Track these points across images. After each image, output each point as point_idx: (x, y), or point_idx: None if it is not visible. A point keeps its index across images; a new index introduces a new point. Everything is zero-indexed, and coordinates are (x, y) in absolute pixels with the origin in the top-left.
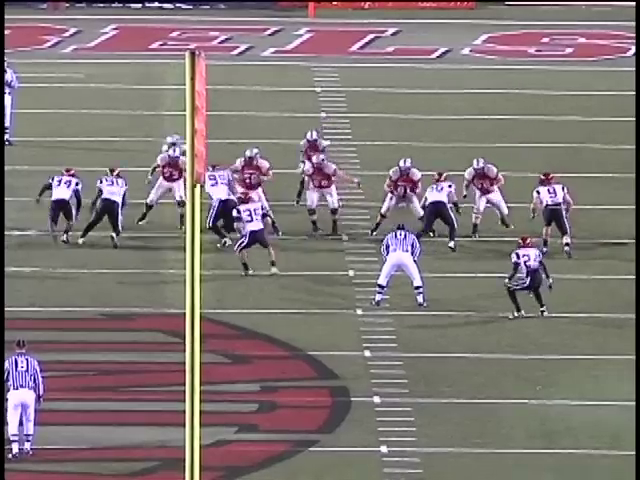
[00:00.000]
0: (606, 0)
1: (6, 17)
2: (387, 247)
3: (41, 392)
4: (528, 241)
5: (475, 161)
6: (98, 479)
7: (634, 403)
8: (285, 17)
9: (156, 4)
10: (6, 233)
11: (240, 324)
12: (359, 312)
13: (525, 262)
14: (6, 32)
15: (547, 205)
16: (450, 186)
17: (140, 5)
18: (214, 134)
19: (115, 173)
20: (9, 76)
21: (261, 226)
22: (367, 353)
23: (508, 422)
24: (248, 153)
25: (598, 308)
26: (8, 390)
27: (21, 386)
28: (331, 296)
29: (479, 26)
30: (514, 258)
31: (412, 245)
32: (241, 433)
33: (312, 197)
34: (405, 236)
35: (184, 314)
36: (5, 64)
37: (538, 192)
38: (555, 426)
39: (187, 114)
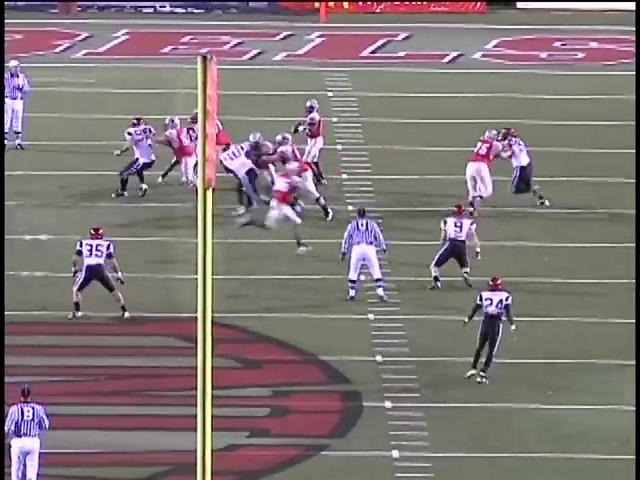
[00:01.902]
0: (612, 1)
1: (17, 21)
2: (350, 237)
3: (46, 429)
4: (499, 282)
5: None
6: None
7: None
8: (296, 22)
9: (168, 9)
10: (18, 237)
11: (251, 329)
12: (370, 317)
13: (486, 306)
14: (18, 36)
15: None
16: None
17: (152, 10)
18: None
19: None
20: (21, 81)
21: (100, 262)
22: (378, 358)
23: (519, 427)
24: (252, 138)
25: (609, 312)
26: (12, 438)
27: (25, 434)
28: (342, 301)
29: (490, 31)
30: (477, 300)
31: (375, 236)
32: (252, 438)
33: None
34: (367, 226)
35: (195, 318)
36: (18, 69)
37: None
38: (566, 430)
39: (199, 118)
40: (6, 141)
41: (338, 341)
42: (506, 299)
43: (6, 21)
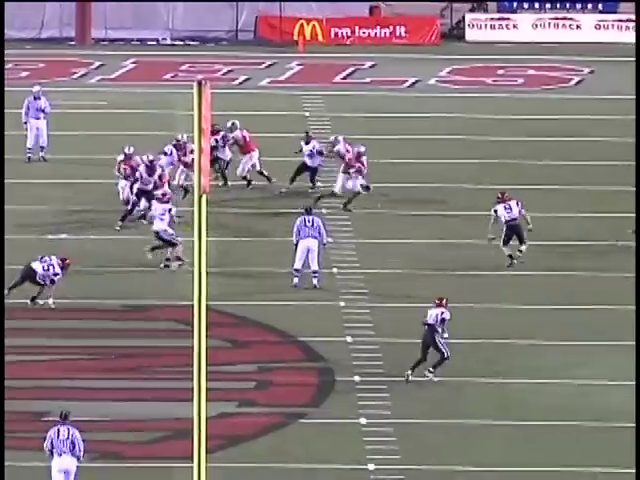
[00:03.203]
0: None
1: (40, 51)
2: (298, 232)
3: (81, 454)
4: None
5: None
6: (120, 446)
7: (576, 381)
8: (278, 52)
9: (169, 41)
10: (41, 236)
11: (240, 314)
12: (342, 304)
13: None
14: (42, 65)
15: (506, 221)
16: (518, 204)
17: (155, 42)
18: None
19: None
20: (43, 103)
21: (41, 271)
22: (349, 339)
23: (472, 398)
24: (228, 124)
25: (557, 301)
26: (52, 457)
27: (64, 452)
28: (319, 290)
29: (444, 60)
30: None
31: (319, 232)
32: (241, 407)
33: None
34: (312, 222)
35: (192, 305)
36: (40, 92)
37: (495, 211)
38: (512, 402)
39: (195, 135)
40: (31, 155)
41: (314, 324)
42: (441, 314)
43: (30, 51)
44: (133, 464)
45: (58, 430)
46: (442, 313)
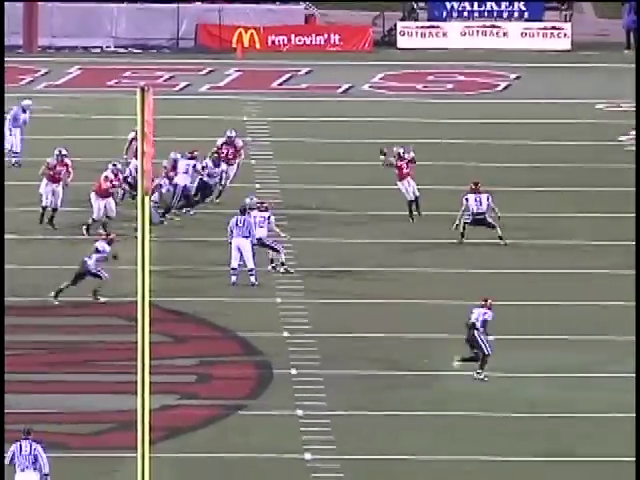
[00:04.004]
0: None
1: None
2: (231, 232)
3: (46, 471)
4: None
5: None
6: (66, 437)
7: (504, 374)
8: (217, 59)
9: (112, 48)
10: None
11: (181, 310)
12: (279, 300)
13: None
14: None
15: (474, 213)
16: (488, 198)
17: (99, 50)
18: (160, 156)
19: None
20: (28, 116)
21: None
22: (285, 334)
23: (402, 390)
24: (228, 133)
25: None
26: (15, 472)
27: (26, 467)
28: (256, 287)
29: (376, 66)
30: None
31: (249, 230)
32: (182, 400)
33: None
34: (244, 222)
35: (136, 302)
36: (29, 106)
37: (467, 199)
38: (440, 393)
39: (138, 139)
40: (19, 159)
41: (252, 320)
42: (484, 314)
43: None
44: (79, 454)
45: (20, 446)
46: (485, 314)
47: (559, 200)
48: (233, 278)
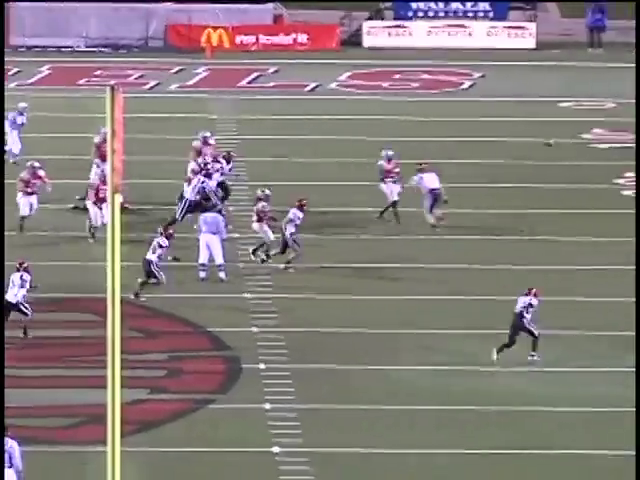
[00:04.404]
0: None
1: None
2: (200, 229)
3: (19, 466)
4: (533, 290)
5: None
6: (38, 431)
7: (447, 367)
8: (187, 58)
9: (83, 48)
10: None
11: (151, 306)
12: (248, 295)
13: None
14: None
15: (431, 189)
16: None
17: (70, 49)
18: (130, 153)
19: None
20: (25, 119)
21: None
22: (254, 329)
23: (368, 383)
24: (203, 134)
25: (442, 291)
26: None
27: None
28: (226, 284)
29: (343, 65)
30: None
31: (217, 227)
32: (153, 394)
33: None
34: (212, 219)
35: (106, 298)
36: (26, 109)
37: (421, 177)
38: (400, 387)
39: (108, 137)
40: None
41: (221, 315)
42: (530, 300)
43: None
44: (50, 448)
45: None
46: (530, 299)
47: (523, 196)
48: (202, 274)
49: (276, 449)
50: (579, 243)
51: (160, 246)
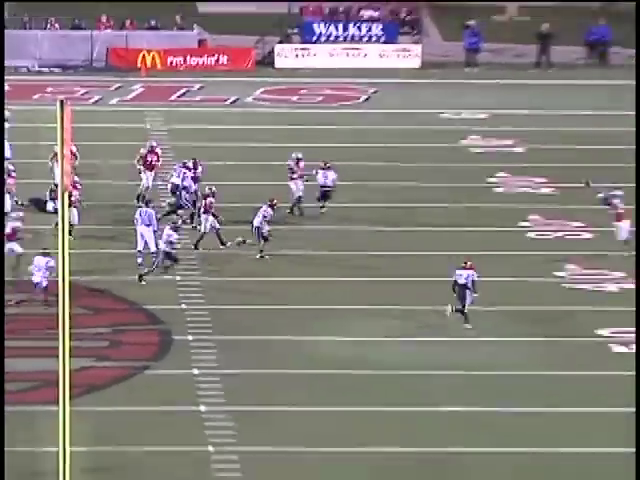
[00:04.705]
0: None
1: None
2: (136, 221)
3: None
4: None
5: None
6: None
7: (376, 338)
8: (125, 77)
9: (37, 68)
10: None
11: (97, 287)
12: (178, 278)
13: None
14: None
15: (321, 186)
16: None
17: (26, 69)
18: (83, 158)
19: None
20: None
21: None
22: (184, 306)
23: (283, 351)
24: (149, 144)
25: (341, 274)
26: None
27: None
28: (159, 267)
29: (258, 83)
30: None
31: (150, 220)
32: (97, 362)
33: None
34: (146, 213)
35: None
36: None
37: (317, 172)
38: (308, 355)
39: (58, 144)
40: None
41: (156, 294)
42: (472, 275)
43: None
44: (15, 407)
45: None
46: (470, 275)
47: (411, 192)
48: (139, 259)
49: (203, 408)
50: (456, 232)
51: (264, 216)
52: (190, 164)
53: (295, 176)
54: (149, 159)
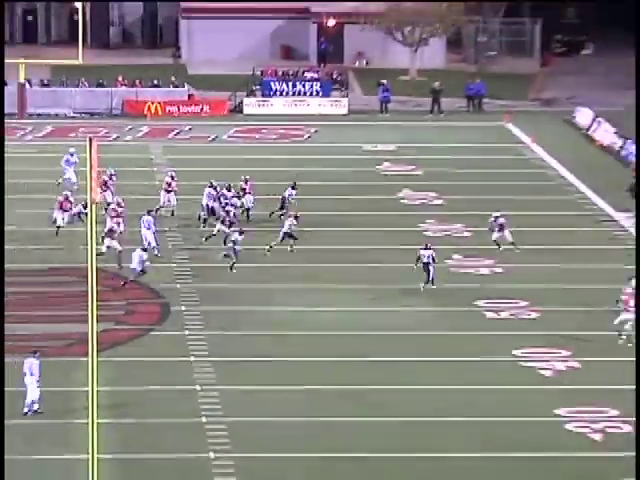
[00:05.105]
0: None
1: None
2: (142, 225)
3: (37, 377)
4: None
5: None
6: (46, 349)
7: (334, 308)
8: (134, 120)
9: (72, 114)
10: None
11: (114, 271)
12: (174, 265)
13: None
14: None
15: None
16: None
17: (64, 115)
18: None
19: None
20: (76, 158)
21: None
22: (178, 286)
23: (249, 318)
24: (170, 173)
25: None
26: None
27: (31, 375)
28: (159, 257)
29: (231, 125)
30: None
31: (149, 225)
32: (117, 325)
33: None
34: (147, 220)
35: (87, 267)
36: None
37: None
38: (280, 324)
39: (87, 169)
40: None
41: (157, 277)
42: (433, 253)
43: None
44: (56, 359)
45: (30, 361)
46: (432, 253)
47: (340, 205)
48: (155, 251)
49: (192, 358)
50: (367, 231)
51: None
52: (215, 185)
53: (247, 191)
54: (170, 183)
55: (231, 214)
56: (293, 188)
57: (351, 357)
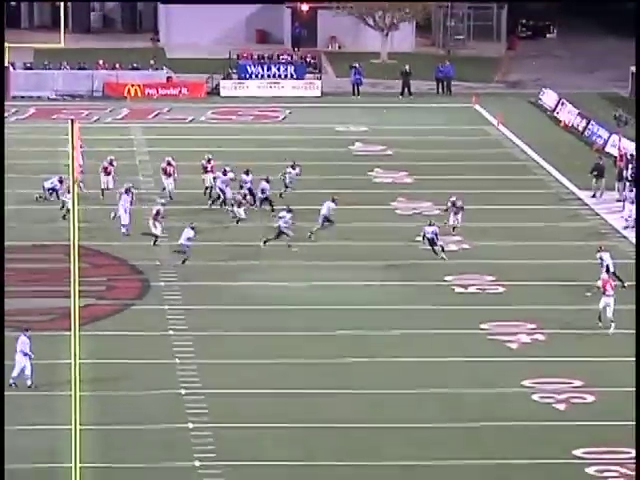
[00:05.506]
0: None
1: None
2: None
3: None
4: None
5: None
6: (31, 324)
7: (308, 283)
8: (115, 102)
9: (54, 96)
10: None
11: (96, 248)
12: (150, 243)
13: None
14: None
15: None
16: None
17: (47, 97)
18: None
19: None
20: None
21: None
22: (157, 263)
23: (229, 292)
24: (167, 159)
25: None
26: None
27: (23, 353)
28: (135, 235)
29: (209, 107)
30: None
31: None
32: (98, 300)
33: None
34: (126, 199)
35: (70, 244)
36: None
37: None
38: (255, 299)
39: (69, 151)
40: None
41: (138, 255)
42: (436, 229)
43: None
44: (40, 333)
45: (22, 338)
46: (436, 229)
47: (314, 184)
48: (124, 230)
49: (171, 332)
50: (339, 209)
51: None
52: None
53: (209, 170)
54: (167, 169)
55: (248, 197)
56: (293, 168)
57: (322, 331)
